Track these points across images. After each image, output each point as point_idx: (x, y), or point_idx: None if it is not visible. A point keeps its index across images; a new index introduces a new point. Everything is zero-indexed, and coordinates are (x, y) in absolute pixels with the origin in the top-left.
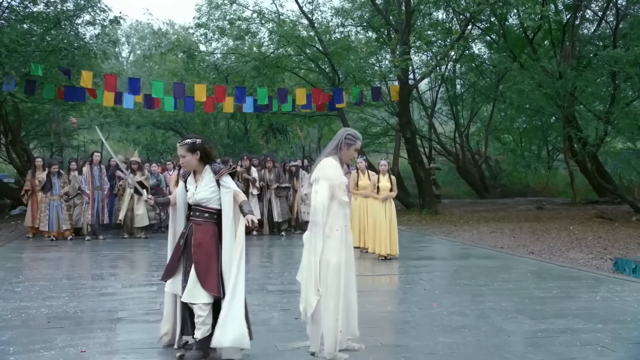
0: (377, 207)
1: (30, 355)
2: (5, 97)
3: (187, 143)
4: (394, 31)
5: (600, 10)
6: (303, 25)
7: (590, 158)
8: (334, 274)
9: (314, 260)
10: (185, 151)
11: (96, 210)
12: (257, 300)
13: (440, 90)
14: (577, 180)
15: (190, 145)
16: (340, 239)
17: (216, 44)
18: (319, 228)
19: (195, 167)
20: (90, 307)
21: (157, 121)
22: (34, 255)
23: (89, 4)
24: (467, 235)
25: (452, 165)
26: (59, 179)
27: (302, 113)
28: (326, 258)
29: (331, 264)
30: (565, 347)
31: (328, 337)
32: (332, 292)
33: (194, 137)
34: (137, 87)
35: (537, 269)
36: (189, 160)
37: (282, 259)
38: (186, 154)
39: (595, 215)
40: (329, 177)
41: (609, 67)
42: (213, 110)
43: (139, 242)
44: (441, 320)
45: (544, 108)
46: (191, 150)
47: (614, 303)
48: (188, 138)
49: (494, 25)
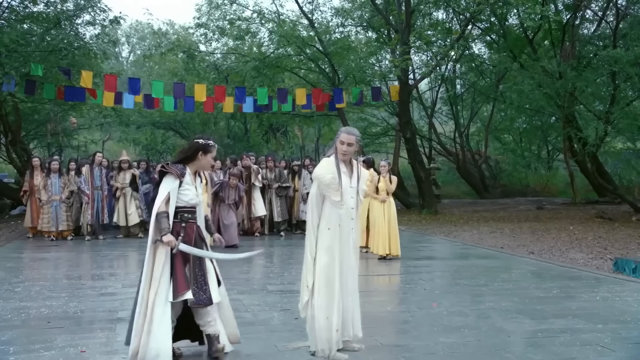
0: (376, 207)
1: (30, 355)
2: (5, 97)
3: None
4: (394, 31)
5: (600, 10)
6: (303, 25)
7: (590, 158)
8: (325, 273)
9: (308, 257)
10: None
11: (96, 210)
12: (257, 300)
13: (440, 90)
14: (577, 180)
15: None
16: (332, 238)
17: (216, 44)
18: (310, 226)
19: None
20: (90, 307)
21: (157, 121)
22: (34, 255)
23: (89, 4)
24: (467, 235)
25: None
26: (60, 179)
27: (302, 113)
28: (319, 256)
29: (322, 262)
30: (565, 347)
31: (320, 335)
32: (322, 290)
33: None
34: (137, 87)
35: (537, 269)
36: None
37: (282, 259)
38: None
39: (595, 215)
40: (318, 177)
41: (609, 67)
42: (213, 110)
43: (139, 242)
44: (441, 320)
45: (544, 108)
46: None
47: (614, 303)
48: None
49: (494, 25)
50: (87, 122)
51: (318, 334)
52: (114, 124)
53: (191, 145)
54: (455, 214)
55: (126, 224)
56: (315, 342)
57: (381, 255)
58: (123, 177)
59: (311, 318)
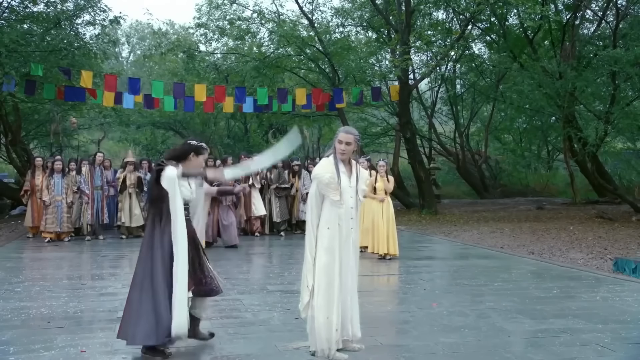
0: (374, 207)
1: (30, 355)
2: (5, 97)
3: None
4: (394, 31)
5: (600, 10)
6: (303, 25)
7: (590, 158)
8: (324, 272)
9: (308, 257)
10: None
11: (96, 210)
12: (257, 300)
13: (440, 90)
14: (577, 180)
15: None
16: (332, 238)
17: (216, 44)
18: (310, 226)
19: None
20: (90, 307)
21: (157, 121)
22: (34, 255)
23: (89, 4)
24: (467, 235)
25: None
26: (63, 180)
27: (302, 113)
28: (318, 256)
29: (321, 262)
30: (565, 347)
31: (320, 335)
32: (322, 290)
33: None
34: (137, 87)
35: (537, 269)
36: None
37: (282, 259)
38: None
39: (595, 215)
40: (317, 176)
41: (609, 67)
42: (213, 110)
43: (139, 242)
44: (441, 320)
45: (544, 108)
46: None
47: (614, 303)
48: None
49: (494, 25)
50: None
51: (318, 334)
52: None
53: (184, 146)
54: (455, 214)
55: (130, 223)
56: (315, 342)
57: (381, 255)
58: (130, 178)
59: (311, 318)
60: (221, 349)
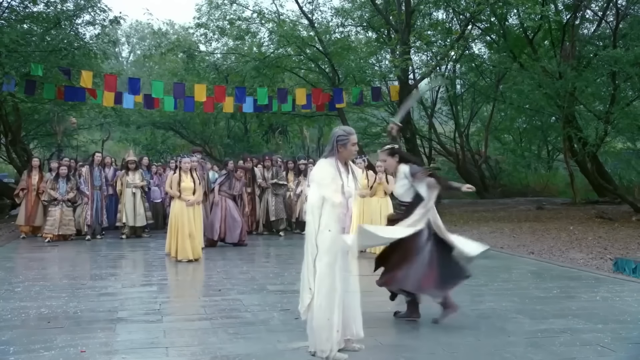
0: (374, 208)
1: (30, 355)
2: (5, 97)
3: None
4: (394, 31)
5: (600, 10)
6: (303, 25)
7: (590, 158)
8: (326, 274)
9: (309, 260)
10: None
11: (95, 210)
12: (257, 300)
13: (440, 90)
14: (577, 180)
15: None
16: (332, 240)
17: (216, 44)
18: (311, 228)
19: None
20: (90, 307)
21: (157, 121)
22: (34, 255)
23: (89, 4)
24: (467, 235)
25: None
26: (67, 183)
27: (302, 113)
28: (319, 258)
29: (323, 263)
30: (565, 347)
31: (320, 335)
32: (323, 291)
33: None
34: (137, 87)
35: (537, 269)
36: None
37: (282, 259)
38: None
39: (595, 215)
40: (317, 179)
41: (609, 67)
42: (213, 110)
43: (139, 242)
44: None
45: (544, 108)
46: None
47: (614, 303)
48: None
49: (494, 25)
50: (87, 122)
51: (318, 335)
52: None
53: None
54: (455, 214)
55: (135, 223)
56: (315, 342)
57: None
58: (132, 178)
59: (311, 319)
60: (221, 349)
